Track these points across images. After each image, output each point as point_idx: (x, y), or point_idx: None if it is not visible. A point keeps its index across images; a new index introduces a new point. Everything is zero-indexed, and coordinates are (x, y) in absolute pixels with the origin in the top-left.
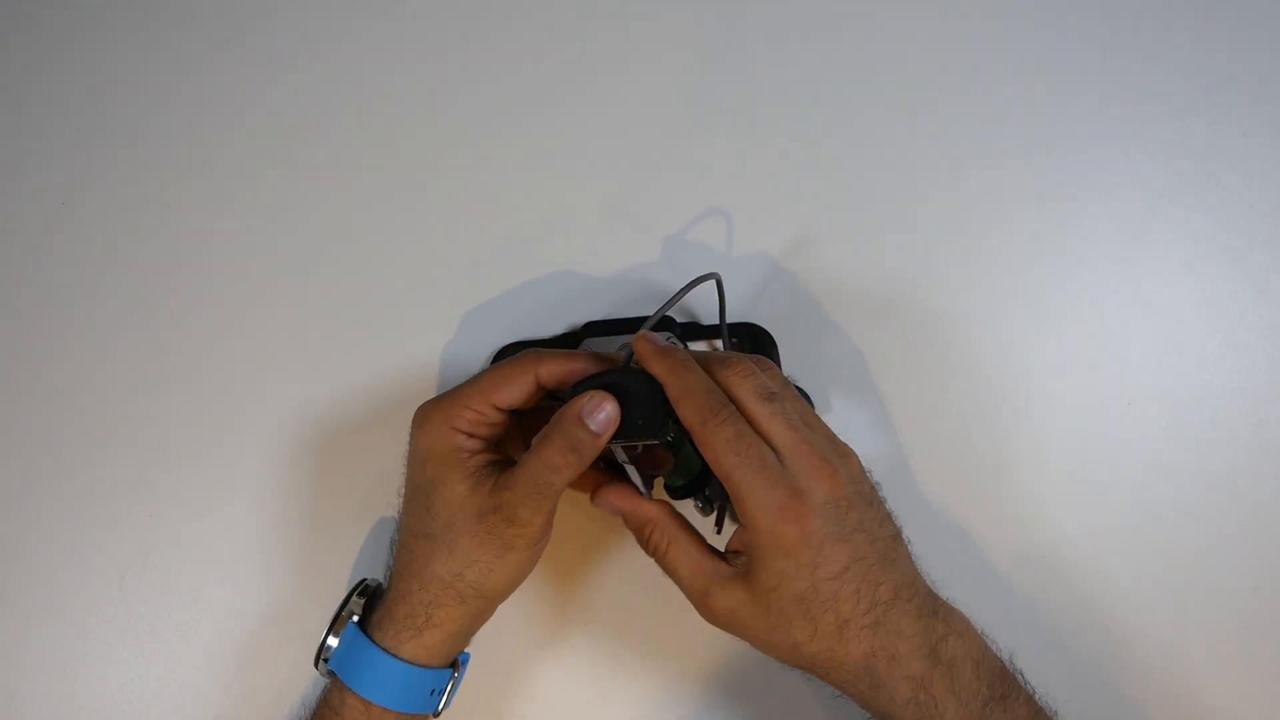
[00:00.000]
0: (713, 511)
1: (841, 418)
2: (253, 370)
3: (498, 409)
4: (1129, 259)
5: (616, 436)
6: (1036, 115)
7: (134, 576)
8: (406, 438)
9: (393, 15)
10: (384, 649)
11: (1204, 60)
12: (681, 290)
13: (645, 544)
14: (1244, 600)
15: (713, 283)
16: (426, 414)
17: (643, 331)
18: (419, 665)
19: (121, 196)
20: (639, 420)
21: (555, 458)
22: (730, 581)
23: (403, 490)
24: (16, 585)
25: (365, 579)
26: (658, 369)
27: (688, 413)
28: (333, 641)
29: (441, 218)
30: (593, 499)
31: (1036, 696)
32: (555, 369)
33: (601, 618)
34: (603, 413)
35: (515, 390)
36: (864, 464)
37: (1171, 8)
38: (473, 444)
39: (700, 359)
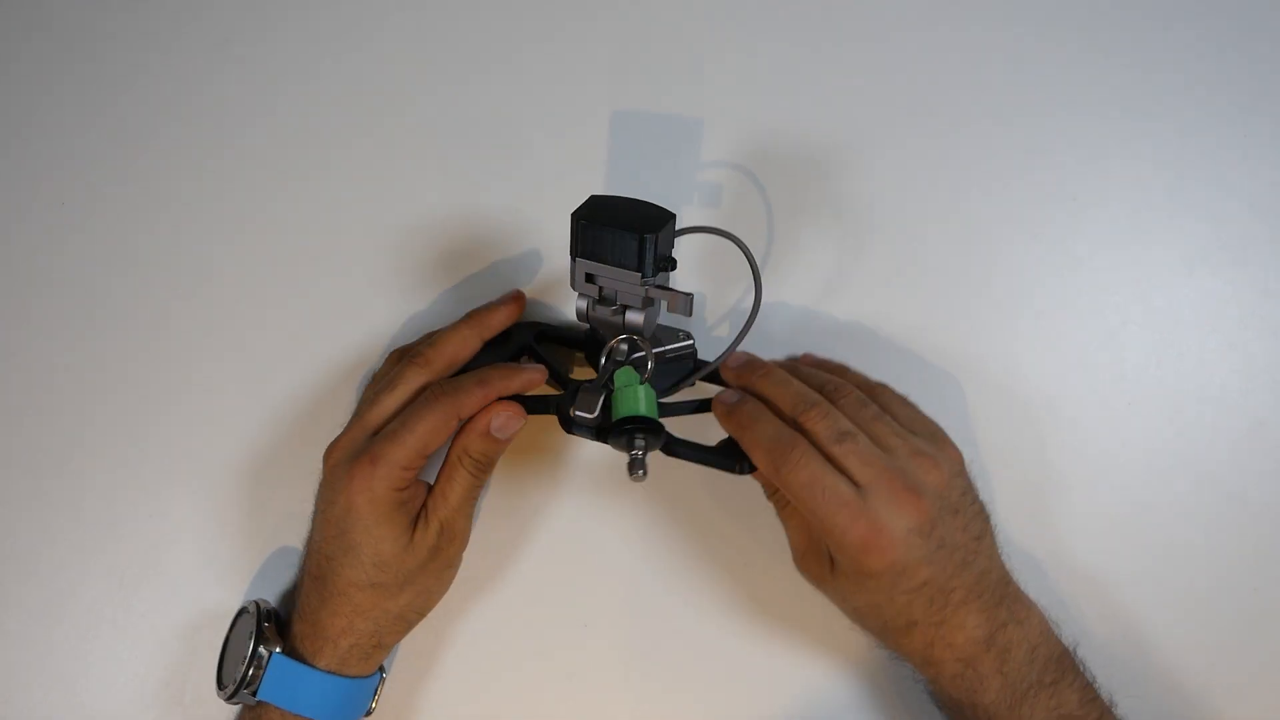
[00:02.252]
0: (634, 453)
1: None
2: (255, 369)
3: (424, 455)
4: (1129, 258)
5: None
6: (1036, 115)
7: (134, 576)
8: None
9: (386, 6)
10: (333, 673)
11: (1205, 59)
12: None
13: (772, 496)
14: (1244, 600)
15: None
16: (364, 479)
17: (719, 395)
18: (364, 678)
19: (112, 193)
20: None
21: (475, 479)
22: (823, 558)
23: (325, 530)
24: (17, 586)
25: (246, 607)
26: (727, 426)
27: (762, 463)
28: (253, 673)
29: (438, 216)
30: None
31: (1096, 685)
32: (474, 402)
33: (601, 618)
34: (504, 418)
35: (443, 435)
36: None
37: (1172, 6)
38: (404, 494)
39: (786, 396)
